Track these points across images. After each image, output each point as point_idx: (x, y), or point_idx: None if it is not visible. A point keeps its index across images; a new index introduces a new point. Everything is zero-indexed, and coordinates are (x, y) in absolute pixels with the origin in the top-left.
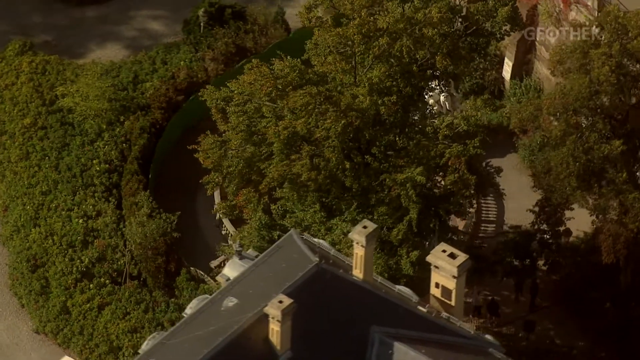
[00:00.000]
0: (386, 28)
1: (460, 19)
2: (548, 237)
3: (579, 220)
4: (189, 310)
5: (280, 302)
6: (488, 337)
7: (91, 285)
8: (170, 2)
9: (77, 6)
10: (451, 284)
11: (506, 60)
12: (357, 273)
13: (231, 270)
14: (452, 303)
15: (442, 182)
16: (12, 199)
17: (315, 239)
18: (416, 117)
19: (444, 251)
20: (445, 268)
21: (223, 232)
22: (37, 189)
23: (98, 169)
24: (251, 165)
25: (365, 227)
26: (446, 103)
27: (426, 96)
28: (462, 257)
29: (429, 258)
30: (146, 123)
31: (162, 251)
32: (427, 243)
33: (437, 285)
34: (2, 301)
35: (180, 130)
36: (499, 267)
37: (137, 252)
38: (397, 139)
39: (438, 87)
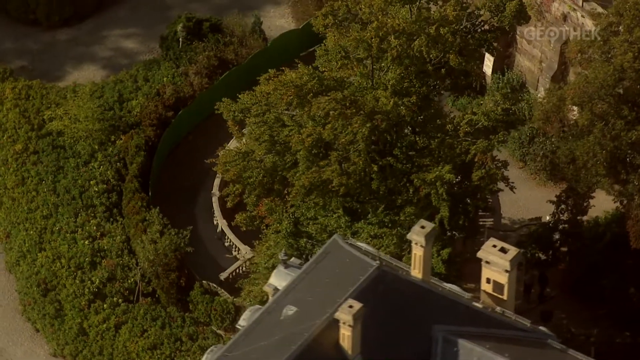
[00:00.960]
0: (402, 29)
1: (466, 15)
2: (569, 227)
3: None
4: (242, 322)
5: (351, 306)
6: (543, 328)
7: (105, 305)
8: (141, 20)
9: (46, 30)
10: (503, 279)
11: (487, 55)
12: (416, 273)
13: (278, 279)
14: (505, 297)
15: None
16: (13, 225)
17: (359, 243)
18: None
19: (494, 246)
20: (497, 263)
21: (226, 244)
22: (38, 213)
23: (97, 189)
24: (274, 174)
25: (423, 227)
26: None
27: None
28: (513, 251)
29: (479, 254)
30: (141, 140)
31: (174, 266)
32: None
33: (488, 280)
34: (15, 327)
35: (169, 145)
36: (524, 260)
37: (150, 269)
38: (417, 139)
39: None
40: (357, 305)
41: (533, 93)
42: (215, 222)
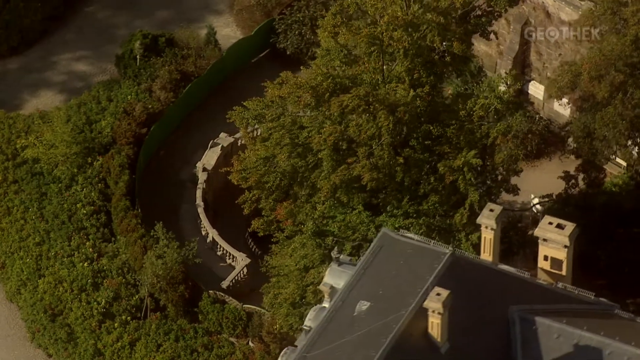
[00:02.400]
0: (411, 21)
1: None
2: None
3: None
4: (309, 322)
5: (439, 294)
6: (605, 300)
7: (115, 324)
8: (88, 42)
9: None
10: (562, 254)
11: None
12: (486, 257)
13: (333, 277)
14: (563, 273)
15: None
16: (7, 255)
17: (409, 234)
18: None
19: (550, 223)
20: (555, 239)
21: (219, 253)
22: (30, 241)
23: (84, 211)
24: (294, 177)
25: (492, 210)
26: None
27: None
28: (570, 226)
29: (537, 232)
30: (124, 159)
31: (180, 279)
32: None
33: (545, 257)
34: (27, 355)
35: (145, 161)
36: None
37: (158, 284)
38: (431, 128)
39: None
40: (445, 292)
41: (492, 76)
42: (203, 233)
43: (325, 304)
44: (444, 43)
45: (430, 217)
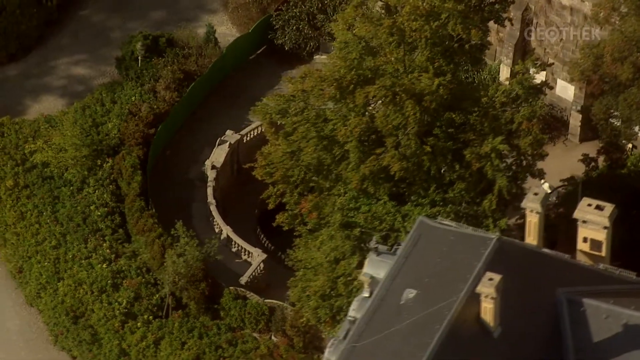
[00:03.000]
0: (433, 11)
1: None
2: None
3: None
4: (353, 312)
5: (491, 279)
6: None
7: (138, 323)
8: (84, 46)
9: None
10: (601, 236)
11: None
12: (531, 240)
13: (373, 267)
14: (603, 254)
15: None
16: (24, 260)
17: (446, 222)
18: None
19: (589, 205)
20: (595, 221)
21: (233, 250)
22: (46, 245)
23: (99, 213)
24: (319, 170)
25: (536, 193)
26: None
27: None
28: (609, 207)
29: (576, 214)
30: (135, 160)
31: (200, 277)
32: None
33: (585, 239)
34: (50, 357)
35: (153, 161)
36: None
37: (180, 282)
38: (453, 116)
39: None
40: (497, 277)
41: (492, 64)
42: (217, 230)
43: (365, 294)
44: (458, 32)
45: (457, 205)
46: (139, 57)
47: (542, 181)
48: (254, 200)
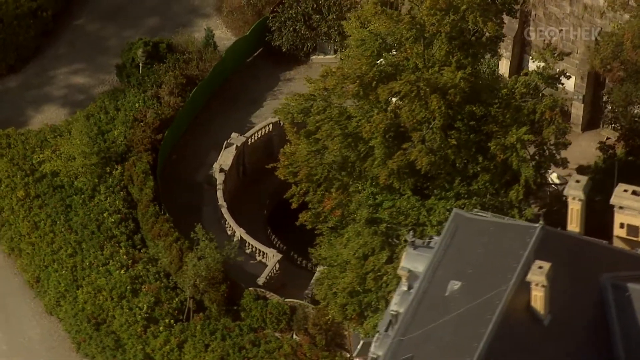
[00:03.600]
0: (450, 2)
1: None
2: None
3: None
4: (395, 306)
5: (541, 267)
6: None
7: (160, 328)
8: (81, 55)
9: None
10: (638, 221)
11: None
12: (573, 227)
13: (411, 261)
14: None
15: None
16: (40, 269)
17: (481, 213)
18: None
19: (625, 191)
20: (632, 206)
21: (247, 251)
22: (62, 253)
23: (112, 220)
24: (343, 167)
25: (578, 181)
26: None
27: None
28: None
29: (613, 200)
30: (146, 166)
31: (220, 279)
32: None
33: (621, 225)
34: None
35: (161, 166)
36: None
37: (201, 284)
38: (474, 108)
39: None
40: (546, 265)
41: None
42: (229, 233)
43: (404, 288)
44: (477, 24)
45: (482, 197)
46: (140, 64)
47: (550, 171)
48: (262, 201)
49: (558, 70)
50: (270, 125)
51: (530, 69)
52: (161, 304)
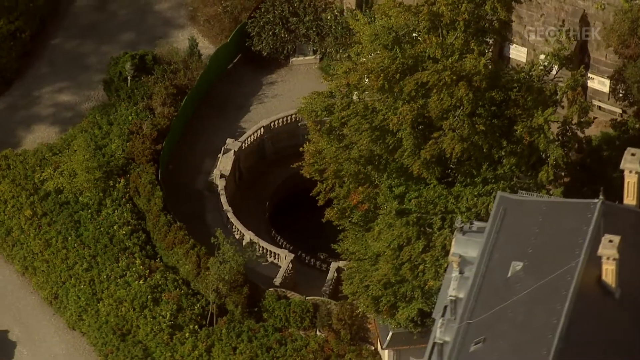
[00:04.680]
0: None
1: None
2: None
3: None
4: (454, 292)
5: (611, 241)
6: None
7: (186, 334)
8: (63, 73)
9: None
10: None
11: None
12: (630, 201)
13: (461, 246)
14: None
15: None
16: (58, 286)
17: (525, 193)
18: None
19: None
20: None
21: (258, 253)
22: (78, 268)
23: (123, 232)
24: (371, 161)
25: (633, 154)
26: None
27: None
28: None
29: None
30: (152, 176)
31: (241, 281)
32: None
33: None
34: None
35: (161, 175)
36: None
37: (224, 288)
38: (493, 94)
39: None
40: (616, 238)
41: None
42: (237, 236)
43: (455, 274)
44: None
45: (509, 180)
46: (128, 77)
47: None
48: (261, 203)
49: (570, 51)
50: (262, 129)
51: (512, 56)
52: (183, 311)
